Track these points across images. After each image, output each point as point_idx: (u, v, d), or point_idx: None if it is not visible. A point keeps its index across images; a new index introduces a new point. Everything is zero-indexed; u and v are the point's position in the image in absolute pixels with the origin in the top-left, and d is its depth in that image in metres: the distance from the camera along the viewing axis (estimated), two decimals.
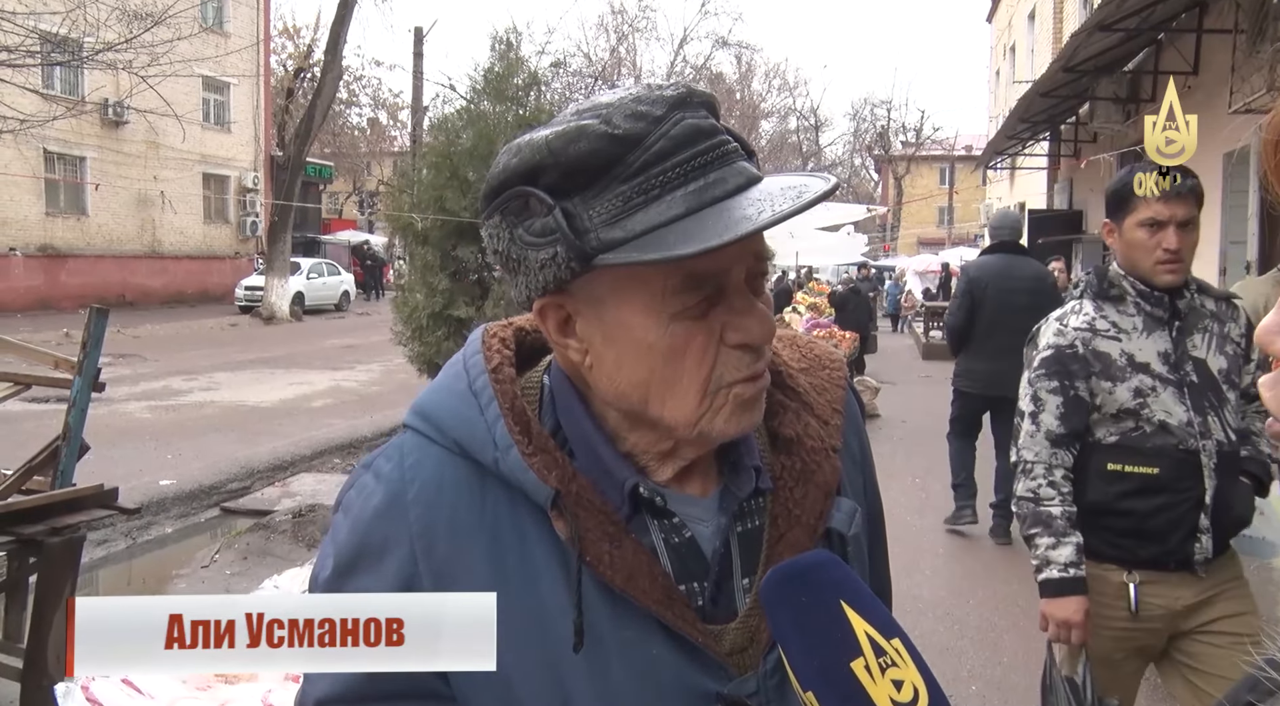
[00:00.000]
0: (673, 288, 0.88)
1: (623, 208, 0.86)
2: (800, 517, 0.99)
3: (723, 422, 0.93)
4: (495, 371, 0.98)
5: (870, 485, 1.15)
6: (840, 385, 1.10)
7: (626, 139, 0.86)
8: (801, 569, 0.91)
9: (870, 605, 0.89)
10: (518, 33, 9.68)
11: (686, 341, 0.90)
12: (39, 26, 13.89)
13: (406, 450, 0.98)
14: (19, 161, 23.78)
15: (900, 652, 0.88)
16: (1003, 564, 6.34)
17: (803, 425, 1.03)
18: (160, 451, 9.54)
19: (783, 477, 1.01)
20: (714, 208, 0.86)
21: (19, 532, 3.47)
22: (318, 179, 38.69)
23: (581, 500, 0.93)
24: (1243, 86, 8.46)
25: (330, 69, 25.54)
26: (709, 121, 0.89)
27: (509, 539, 0.94)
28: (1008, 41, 26.04)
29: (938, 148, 52.57)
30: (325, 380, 15.00)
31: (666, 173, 0.86)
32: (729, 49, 40.90)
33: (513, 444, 0.93)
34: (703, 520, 0.98)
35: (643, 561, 0.93)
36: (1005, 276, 6.64)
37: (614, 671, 0.93)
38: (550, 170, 0.87)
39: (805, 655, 0.87)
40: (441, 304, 8.93)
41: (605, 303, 0.91)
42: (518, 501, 0.94)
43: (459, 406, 0.97)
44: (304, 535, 6.55)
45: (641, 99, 0.88)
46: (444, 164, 9.10)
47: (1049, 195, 19.55)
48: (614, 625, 0.93)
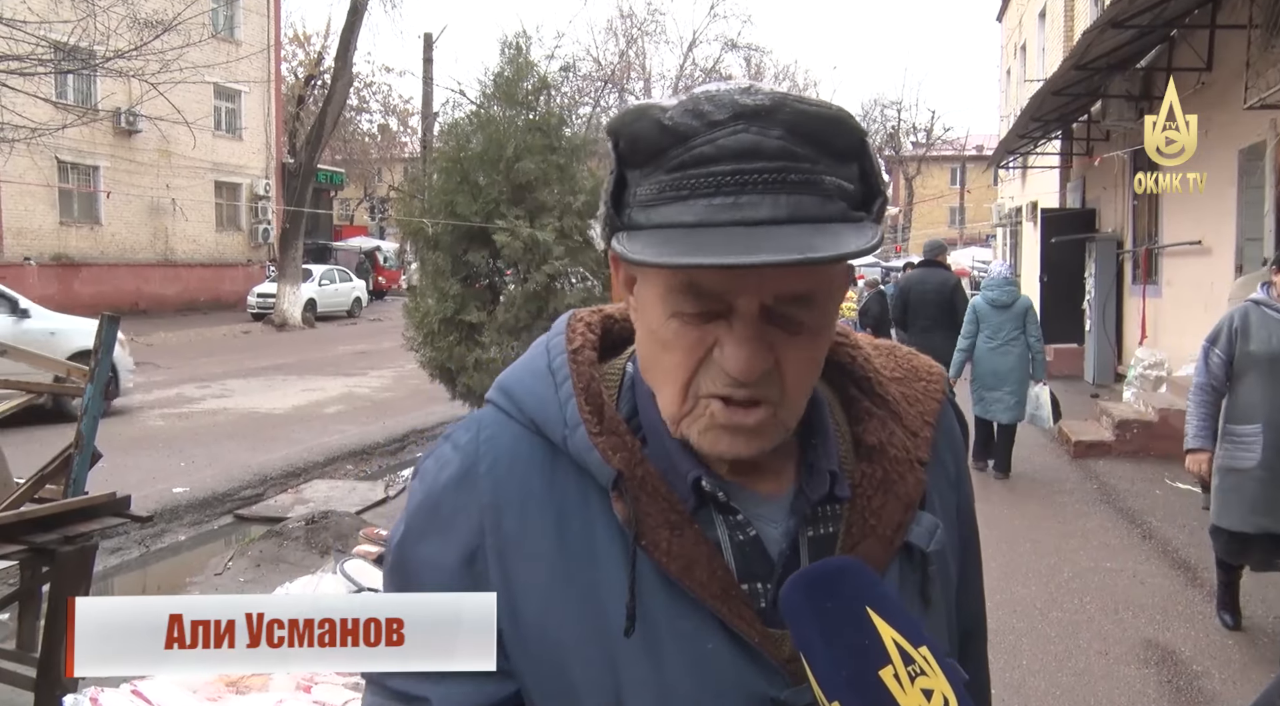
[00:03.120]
0: (673, 288, 0.87)
1: (656, 196, 0.86)
2: (876, 528, 0.96)
3: (698, 435, 0.91)
4: (575, 353, 0.99)
5: (965, 508, 1.10)
6: (936, 398, 1.06)
7: (674, 132, 0.85)
8: (826, 574, 0.89)
9: (897, 611, 0.87)
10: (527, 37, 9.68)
11: (676, 339, 0.88)
12: (50, 35, 13.94)
13: (484, 423, 1.00)
14: (33, 171, 23.88)
15: (929, 661, 0.86)
16: (1020, 566, 6.30)
17: (887, 433, 1.00)
18: (173, 459, 9.56)
19: (862, 486, 0.97)
20: (726, 229, 0.82)
21: (32, 541, 3.47)
22: (329, 185, 38.78)
23: (646, 485, 0.92)
24: (1257, 82, 8.40)
25: (341, 76, 25.62)
26: (779, 143, 0.83)
27: (575, 518, 0.94)
28: (1018, 40, 25.93)
29: (948, 148, 52.50)
30: (338, 386, 15.03)
31: (700, 178, 0.84)
32: (738, 51, 40.80)
33: (581, 423, 0.94)
34: (771, 520, 0.96)
35: (703, 553, 0.91)
36: (922, 282, 9.78)
37: (668, 662, 0.91)
38: (623, 137, 0.89)
39: (831, 664, 0.85)
40: (453, 309, 8.93)
41: (639, 276, 0.93)
42: (586, 482, 0.94)
43: (536, 384, 0.99)
44: (317, 542, 6.54)
45: (715, 98, 0.85)
46: (454, 169, 9.11)
47: (1061, 194, 19.45)
48: (670, 614, 0.91)
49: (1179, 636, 5.17)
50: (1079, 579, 6.06)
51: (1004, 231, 28.85)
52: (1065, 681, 4.63)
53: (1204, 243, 10.87)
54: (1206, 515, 7.40)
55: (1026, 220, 23.01)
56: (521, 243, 8.58)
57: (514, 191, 8.84)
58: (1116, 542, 6.88)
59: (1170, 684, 4.63)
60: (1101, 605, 5.63)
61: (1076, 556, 6.52)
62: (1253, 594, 5.71)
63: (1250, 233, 9.59)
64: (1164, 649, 5.02)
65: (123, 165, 27.42)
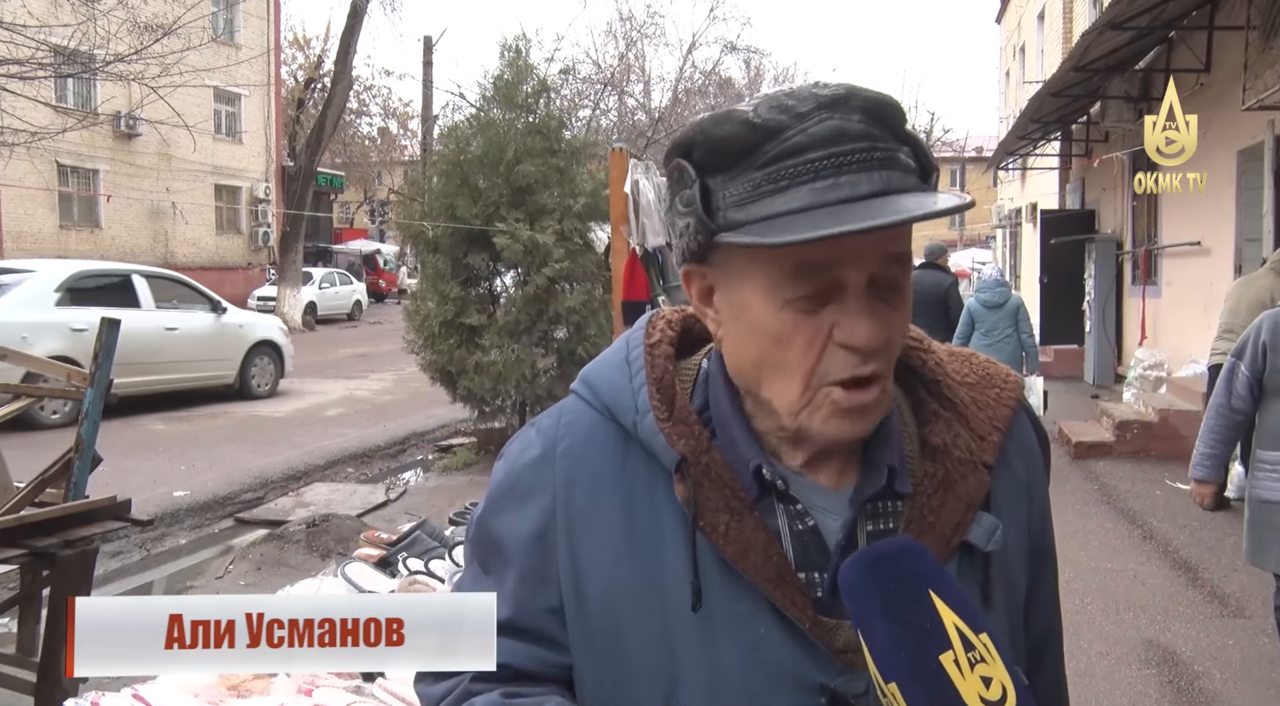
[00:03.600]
0: (786, 274, 0.90)
1: (751, 193, 0.90)
2: (935, 525, 0.98)
3: (820, 423, 0.94)
4: (653, 347, 1.05)
5: (1039, 518, 1.11)
6: (1008, 405, 1.07)
7: (765, 128, 0.90)
8: (890, 553, 0.90)
9: (958, 597, 0.88)
10: (527, 40, 9.70)
11: (794, 331, 0.92)
12: (50, 39, 13.94)
13: (565, 410, 1.07)
14: (33, 175, 23.90)
15: (989, 648, 0.86)
16: None
17: (952, 435, 1.02)
18: (174, 462, 9.56)
19: (923, 484, 1.00)
20: (835, 207, 0.87)
21: (32, 545, 3.46)
22: (329, 189, 38.78)
23: (710, 472, 0.97)
24: (1255, 83, 8.40)
25: (340, 79, 25.62)
26: (860, 126, 0.90)
27: (642, 500, 0.99)
28: (1017, 42, 25.94)
29: (948, 149, 52.37)
30: (338, 389, 15.03)
31: (798, 167, 0.88)
32: (738, 53, 40.68)
33: (651, 410, 0.99)
34: (831, 512, 0.98)
35: (760, 539, 0.95)
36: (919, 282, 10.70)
37: (722, 644, 0.94)
38: (699, 147, 0.93)
39: (892, 645, 0.85)
40: (453, 312, 8.94)
41: (733, 278, 0.95)
42: (655, 467, 0.99)
43: (613, 373, 1.05)
44: (318, 545, 6.53)
45: (795, 94, 0.92)
46: (454, 172, 9.12)
47: (1061, 195, 19.46)
48: (726, 598, 0.95)
49: (1180, 636, 5.17)
50: (1080, 579, 6.06)
51: (1004, 233, 28.87)
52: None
53: (1203, 243, 10.88)
54: (1206, 515, 7.43)
55: (1026, 221, 23.02)
56: (521, 245, 8.58)
57: (514, 194, 8.84)
58: (1117, 543, 6.88)
59: (1171, 684, 4.63)
60: (1102, 605, 5.63)
61: (1077, 557, 6.51)
62: (1253, 593, 5.71)
63: (1249, 233, 9.60)
64: (1165, 649, 5.02)
65: (123, 169, 27.44)
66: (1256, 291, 7.21)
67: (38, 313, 11.07)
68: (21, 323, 10.57)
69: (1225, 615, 5.49)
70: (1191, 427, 9.12)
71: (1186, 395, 9.81)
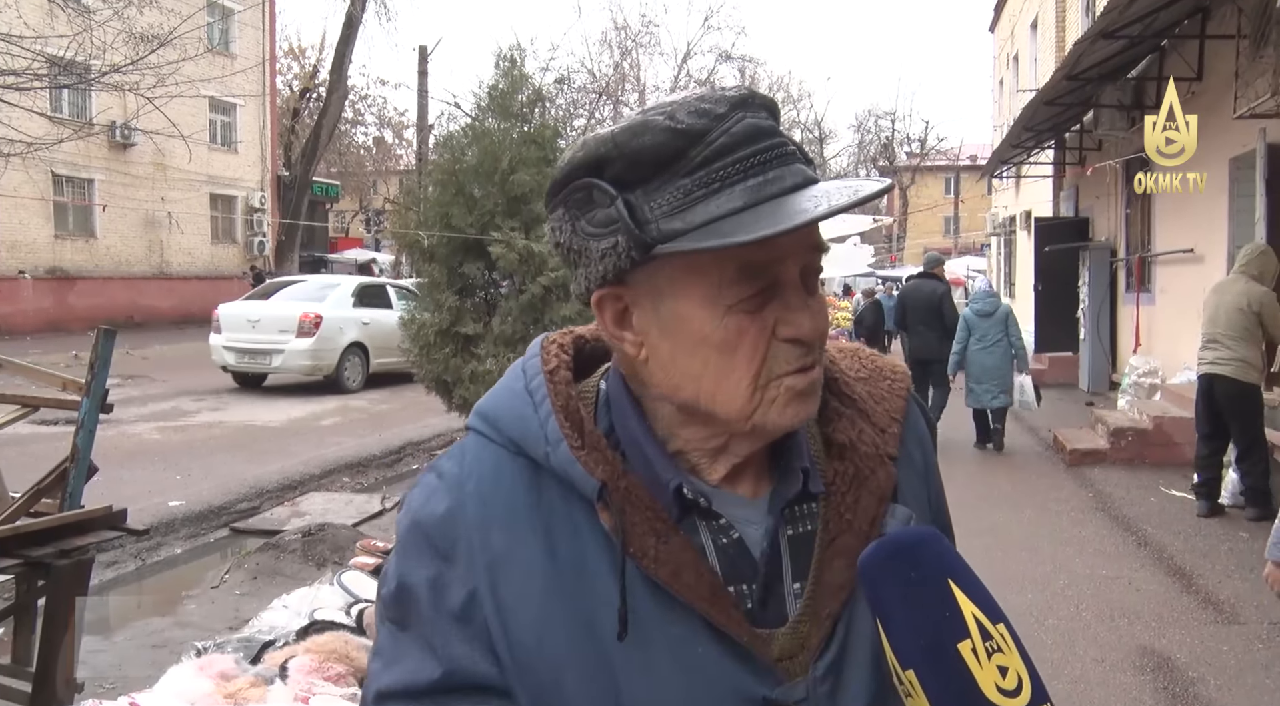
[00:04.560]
0: (729, 279, 0.90)
1: (683, 200, 0.88)
2: (853, 522, 0.98)
3: (776, 413, 0.93)
4: (551, 373, 1.01)
5: (936, 499, 1.13)
6: (901, 396, 1.09)
7: (689, 133, 0.88)
8: (910, 543, 0.91)
9: (976, 587, 0.89)
10: (522, 49, 9.71)
11: (740, 334, 0.91)
12: (46, 50, 13.95)
13: (467, 449, 1.02)
14: (28, 184, 23.89)
15: (1006, 638, 0.87)
16: (1016, 574, 6.31)
17: (857, 431, 1.03)
18: (169, 472, 9.55)
19: (835, 482, 1.00)
20: (772, 202, 0.88)
21: (27, 555, 3.46)
22: (324, 198, 38.80)
23: (630, 496, 0.94)
24: (1247, 91, 8.45)
25: (335, 88, 25.69)
26: (769, 122, 0.92)
27: (562, 532, 0.96)
28: (1010, 51, 26.03)
29: (942, 158, 52.59)
30: (333, 399, 15.01)
31: (727, 168, 0.88)
32: (732, 63, 40.92)
33: (563, 439, 0.96)
34: (752, 522, 0.98)
35: (689, 558, 0.93)
36: (916, 291, 11.61)
37: (661, 668, 0.93)
38: (614, 162, 0.90)
39: (910, 632, 0.86)
40: (449, 321, 8.94)
41: (663, 294, 0.93)
42: (571, 496, 0.96)
43: (515, 405, 1.00)
44: (314, 554, 6.53)
45: (705, 98, 0.91)
46: (449, 181, 9.12)
47: (1055, 203, 19.51)
48: (661, 621, 0.93)
49: (1174, 643, 5.18)
50: (1075, 586, 6.08)
51: (998, 241, 28.91)
52: (1062, 689, 4.64)
53: (1196, 250, 10.92)
54: (1200, 521, 7.45)
55: (1020, 229, 23.07)
56: (517, 254, 8.59)
57: (509, 203, 8.85)
58: (1112, 550, 6.90)
59: (1166, 690, 4.64)
60: (1097, 612, 5.64)
61: (1072, 564, 6.53)
62: (1246, 599, 5.73)
63: (1241, 240, 9.61)
64: (1160, 655, 5.03)
65: (118, 178, 27.44)
66: (1233, 297, 7.26)
67: (346, 311, 16.02)
68: (338, 317, 15.71)
69: (1220, 621, 5.50)
70: (1185, 434, 9.17)
71: (1181, 402, 9.84)
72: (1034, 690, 0.86)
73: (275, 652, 3.74)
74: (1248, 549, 6.73)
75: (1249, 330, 7.20)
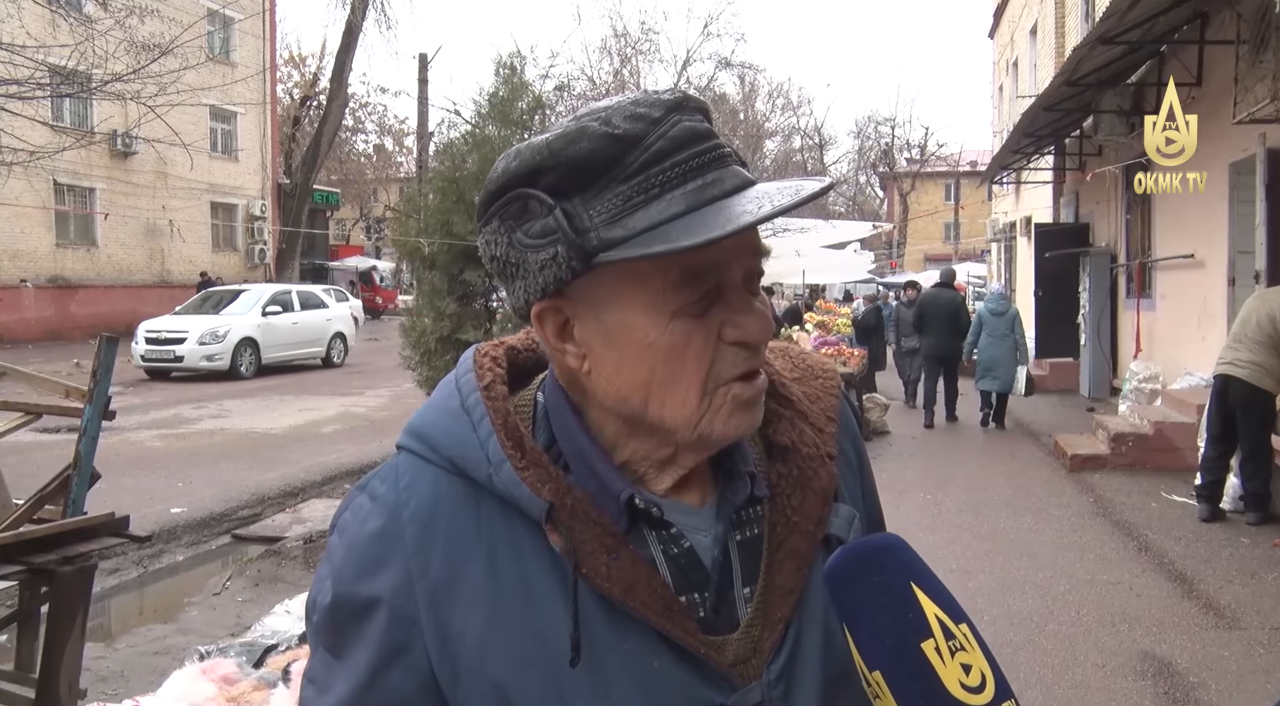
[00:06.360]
0: (673, 284, 0.88)
1: (623, 207, 0.86)
2: (799, 524, 0.98)
3: (722, 424, 0.92)
4: (487, 389, 0.97)
5: (869, 492, 1.14)
6: (834, 393, 1.09)
7: (626, 139, 0.86)
8: (874, 549, 0.92)
9: (938, 589, 0.90)
10: (522, 57, 9.72)
11: (686, 339, 0.89)
12: (48, 60, 13.99)
13: (401, 470, 0.97)
14: (29, 193, 23.93)
15: (968, 637, 0.89)
16: (1017, 579, 6.31)
17: (797, 432, 1.02)
18: (171, 479, 9.56)
19: (779, 485, 1.00)
20: (713, 205, 0.86)
21: (30, 562, 3.47)
22: (325, 206, 38.86)
23: (577, 513, 0.91)
24: (1246, 97, 8.47)
25: (336, 96, 25.75)
26: (704, 125, 0.90)
27: (505, 556, 0.92)
28: (1010, 57, 26.06)
29: (942, 164, 52.62)
30: (334, 406, 15.03)
31: (665, 172, 0.86)
32: (732, 70, 40.92)
33: (505, 459, 0.92)
34: (701, 530, 0.96)
35: (641, 573, 0.91)
36: (935, 299, 13.60)
37: (616, 686, 0.90)
38: (550, 171, 0.87)
39: (876, 634, 0.88)
40: (449, 328, 8.94)
41: (605, 303, 0.90)
42: (513, 518, 0.93)
43: (452, 425, 0.96)
44: (315, 561, 6.54)
45: (640, 102, 0.89)
46: (450, 188, 9.13)
47: (1055, 209, 19.52)
48: (614, 638, 0.91)
49: (1175, 648, 5.18)
50: (1075, 591, 6.08)
51: (999, 246, 28.93)
52: (1062, 694, 4.64)
53: (1196, 256, 10.93)
54: (1201, 527, 7.45)
55: (1021, 235, 23.08)
56: None
57: None
58: (1112, 555, 6.90)
59: (1167, 695, 4.64)
60: (1098, 617, 5.64)
61: (1073, 569, 6.53)
62: (1247, 604, 5.73)
63: (1242, 246, 9.65)
64: (1160, 660, 5.03)
65: (119, 187, 27.50)
66: (1271, 308, 7.28)
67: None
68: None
69: (1221, 626, 5.50)
70: (1186, 439, 9.18)
71: (1181, 407, 9.84)
72: (997, 686, 0.87)
73: (278, 656, 3.75)
74: (1248, 554, 6.73)
75: (1274, 338, 7.22)
